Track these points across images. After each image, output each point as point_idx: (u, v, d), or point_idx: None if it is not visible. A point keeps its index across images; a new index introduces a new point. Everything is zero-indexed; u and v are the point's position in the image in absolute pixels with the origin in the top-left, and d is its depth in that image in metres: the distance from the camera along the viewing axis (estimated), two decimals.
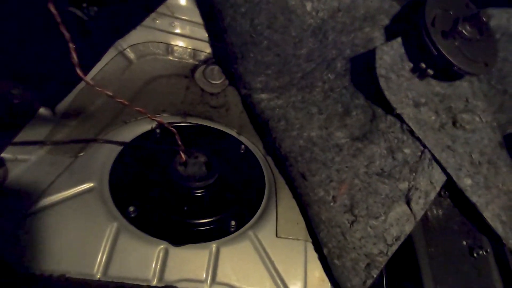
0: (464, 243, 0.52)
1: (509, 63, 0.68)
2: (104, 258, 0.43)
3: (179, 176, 0.53)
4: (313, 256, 0.51)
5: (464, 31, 0.56)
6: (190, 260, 0.46)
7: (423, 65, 0.59)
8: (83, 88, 0.62)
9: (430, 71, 0.59)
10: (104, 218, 0.46)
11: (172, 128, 0.54)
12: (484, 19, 0.55)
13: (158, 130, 0.61)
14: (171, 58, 0.76)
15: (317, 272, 0.50)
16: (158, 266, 0.44)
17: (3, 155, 0.48)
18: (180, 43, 0.76)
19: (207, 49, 0.79)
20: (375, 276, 0.46)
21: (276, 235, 0.52)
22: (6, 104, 0.55)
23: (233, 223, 0.51)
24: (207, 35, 0.78)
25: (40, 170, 0.49)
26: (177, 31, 0.75)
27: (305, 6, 0.62)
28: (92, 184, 0.49)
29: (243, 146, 0.64)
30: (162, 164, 0.54)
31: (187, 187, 0.52)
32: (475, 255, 0.51)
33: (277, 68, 0.70)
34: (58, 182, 0.48)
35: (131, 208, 0.47)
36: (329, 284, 0.49)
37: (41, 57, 0.59)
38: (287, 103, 0.69)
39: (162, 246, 0.46)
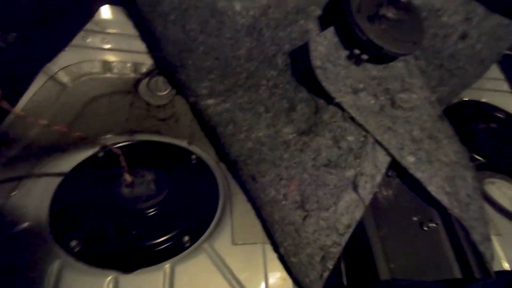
0: (415, 218, 0.54)
1: (440, 38, 0.71)
2: None
3: (125, 199, 0.51)
4: (272, 257, 0.51)
5: (388, 14, 0.57)
6: (144, 285, 0.44)
7: (357, 51, 0.60)
8: (12, 121, 0.58)
9: (365, 56, 0.60)
10: (44, 258, 0.43)
11: (115, 149, 0.52)
12: (404, 0, 0.56)
13: (101, 154, 0.59)
14: (110, 76, 0.73)
15: (278, 272, 0.50)
16: None
17: None
18: (118, 58, 0.73)
19: (148, 61, 0.77)
20: (330, 267, 0.46)
21: (233, 243, 0.51)
22: None
23: (186, 238, 0.50)
24: (145, 46, 0.75)
25: None
26: (112, 46, 0.72)
27: (234, 7, 0.61)
28: (27, 224, 0.46)
29: (194, 156, 0.63)
30: (107, 190, 0.52)
31: (135, 210, 0.51)
32: (425, 228, 0.53)
33: (219, 72, 0.69)
34: None
35: (74, 243, 0.45)
36: (291, 282, 0.49)
37: None
38: (234, 106, 0.68)
39: (111, 277, 0.44)
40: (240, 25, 0.63)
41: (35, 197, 0.49)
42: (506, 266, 0.60)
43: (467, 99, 0.98)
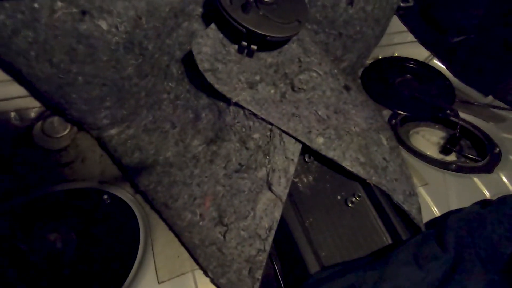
0: (339, 197, 0.54)
1: (329, 8, 0.70)
2: None
3: (26, 273, 0.45)
4: (204, 281, 0.48)
5: None
6: None
7: (245, 43, 0.57)
8: None
9: (254, 47, 0.57)
10: None
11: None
12: None
13: None
14: None
15: None
16: None
17: None
18: None
19: (34, 104, 0.68)
20: (260, 277, 0.44)
21: (158, 282, 0.47)
22: None
23: None
24: (24, 88, 0.67)
25: None
26: None
27: (100, 26, 0.55)
28: None
29: (106, 196, 0.57)
30: (6, 269, 0.45)
31: (42, 280, 0.45)
32: (350, 205, 0.52)
33: (114, 97, 0.62)
34: None
35: None
36: None
37: None
38: (139, 129, 0.63)
39: None
40: (115, 44, 0.57)
41: None
42: (436, 212, 0.63)
43: (381, 57, 1.01)
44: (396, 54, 1.02)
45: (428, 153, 0.76)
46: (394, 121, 0.84)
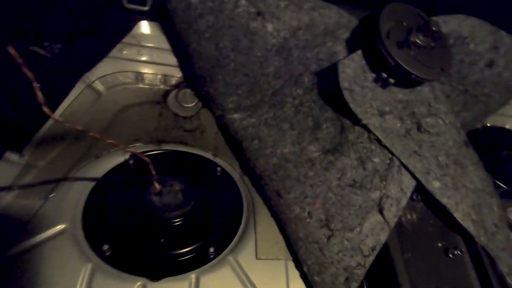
0: (440, 244, 0.54)
1: (466, 65, 0.72)
2: None
3: (153, 207, 0.53)
4: (294, 274, 0.51)
5: (417, 40, 0.59)
6: None
7: (384, 75, 0.61)
8: (51, 126, 0.61)
9: (392, 80, 0.61)
10: (78, 260, 0.45)
11: (145, 158, 0.54)
12: (434, 27, 0.58)
13: (131, 161, 0.61)
14: (142, 86, 0.76)
15: None
16: None
17: None
18: (150, 70, 0.77)
19: (177, 74, 0.80)
20: None
21: (256, 257, 0.52)
22: None
23: (211, 249, 0.51)
24: (176, 60, 0.79)
25: (10, 216, 0.48)
26: (145, 58, 0.76)
27: (266, 28, 0.63)
28: (64, 226, 0.48)
29: (219, 168, 0.65)
30: (137, 196, 0.54)
31: (163, 218, 0.52)
32: (450, 255, 0.52)
33: (247, 88, 0.71)
34: (30, 227, 0.47)
35: (106, 247, 0.47)
36: None
37: (5, 99, 0.58)
38: (259, 121, 0.70)
39: (139, 283, 0.45)
40: (271, 45, 0.65)
41: (70, 200, 0.51)
42: None
43: (490, 125, 0.98)
44: (507, 127, 0.98)
45: None
46: None
